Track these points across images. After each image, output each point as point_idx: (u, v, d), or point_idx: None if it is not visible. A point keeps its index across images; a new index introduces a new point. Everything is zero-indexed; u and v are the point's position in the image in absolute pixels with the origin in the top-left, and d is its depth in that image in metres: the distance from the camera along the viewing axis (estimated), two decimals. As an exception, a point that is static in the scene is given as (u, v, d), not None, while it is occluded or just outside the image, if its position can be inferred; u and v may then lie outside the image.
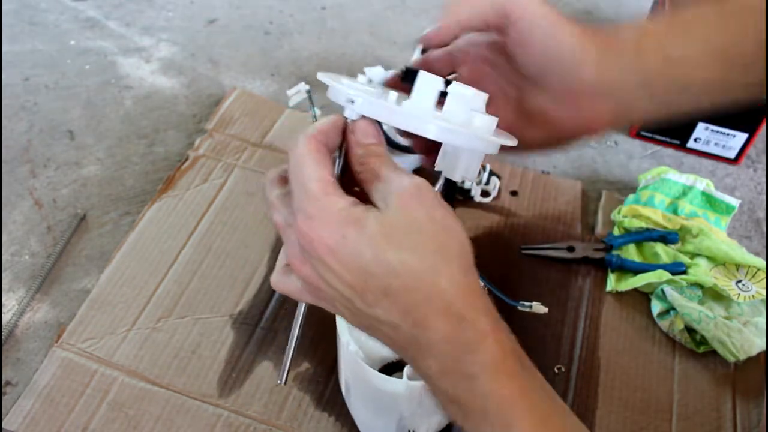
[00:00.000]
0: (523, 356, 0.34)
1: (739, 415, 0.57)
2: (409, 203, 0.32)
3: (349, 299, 0.33)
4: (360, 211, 0.32)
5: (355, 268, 0.32)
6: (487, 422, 0.32)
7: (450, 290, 0.32)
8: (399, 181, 0.33)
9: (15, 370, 0.58)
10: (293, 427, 0.55)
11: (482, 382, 0.32)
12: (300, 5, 1.02)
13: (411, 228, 0.32)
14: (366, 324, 0.34)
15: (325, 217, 0.32)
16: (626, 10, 1.04)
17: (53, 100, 0.83)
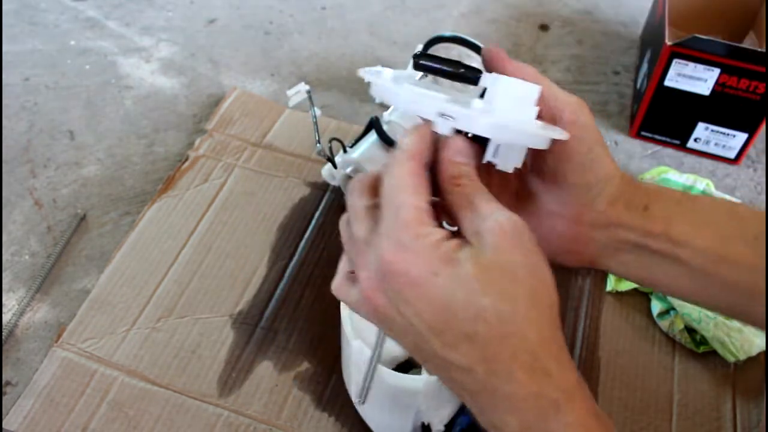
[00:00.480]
0: (603, 416, 0.33)
1: (739, 415, 0.57)
2: (506, 244, 0.31)
3: (422, 336, 0.31)
4: (454, 247, 0.31)
5: (439, 307, 0.30)
6: None
7: (538, 343, 0.31)
8: (495, 216, 0.31)
9: (15, 370, 0.58)
10: (293, 427, 0.55)
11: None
12: (300, 5, 1.02)
13: (506, 273, 0.30)
14: (434, 363, 0.32)
15: (417, 249, 0.30)
16: (626, 11, 1.04)
17: (53, 100, 0.83)
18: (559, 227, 0.40)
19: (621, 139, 0.84)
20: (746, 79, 0.73)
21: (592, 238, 0.40)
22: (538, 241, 0.35)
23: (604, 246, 0.40)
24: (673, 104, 0.78)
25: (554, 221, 0.40)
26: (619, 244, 0.40)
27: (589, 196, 0.39)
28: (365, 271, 0.32)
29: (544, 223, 0.40)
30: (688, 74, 0.75)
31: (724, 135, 0.79)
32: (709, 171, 0.81)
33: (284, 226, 0.69)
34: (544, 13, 1.04)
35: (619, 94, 0.90)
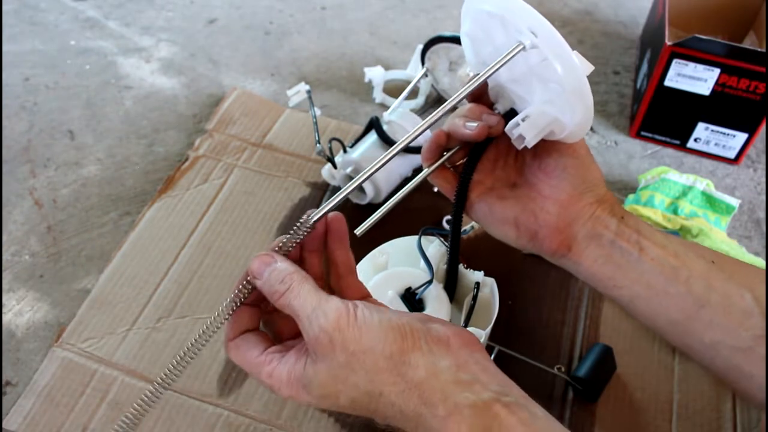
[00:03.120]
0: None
1: (739, 415, 0.57)
2: (325, 350, 0.36)
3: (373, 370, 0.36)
4: (298, 371, 0.37)
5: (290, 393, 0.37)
6: None
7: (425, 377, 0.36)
8: (313, 324, 0.37)
9: (15, 370, 0.58)
10: (293, 427, 0.55)
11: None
12: (300, 5, 1.02)
13: (345, 365, 0.36)
14: (369, 398, 0.37)
15: (280, 389, 0.37)
16: (626, 11, 1.04)
17: (53, 100, 0.83)
18: (550, 207, 0.46)
19: (621, 139, 0.84)
20: (746, 79, 0.73)
21: (575, 224, 0.46)
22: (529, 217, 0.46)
23: (583, 235, 0.46)
24: (673, 104, 0.78)
25: (547, 203, 0.46)
26: (595, 237, 0.46)
27: (581, 189, 0.46)
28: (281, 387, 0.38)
29: (538, 203, 0.46)
30: (688, 74, 0.75)
31: (724, 135, 0.79)
32: (709, 171, 0.81)
33: (284, 226, 0.69)
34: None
35: (619, 94, 0.90)
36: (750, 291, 0.43)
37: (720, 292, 0.44)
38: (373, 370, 0.36)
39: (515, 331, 0.62)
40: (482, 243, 0.69)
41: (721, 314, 0.43)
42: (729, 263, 0.46)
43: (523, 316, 0.63)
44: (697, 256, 0.45)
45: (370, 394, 0.36)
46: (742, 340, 0.43)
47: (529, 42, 0.40)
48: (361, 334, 0.36)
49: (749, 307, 0.43)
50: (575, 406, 0.57)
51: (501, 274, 0.61)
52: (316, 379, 0.37)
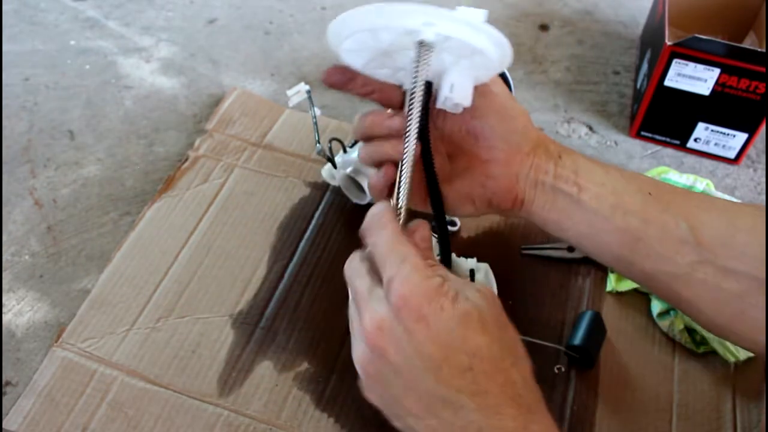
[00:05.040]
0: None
1: (739, 415, 0.57)
2: (490, 300, 0.36)
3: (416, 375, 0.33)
4: (452, 289, 0.34)
5: (442, 341, 0.33)
6: None
7: (520, 383, 0.34)
8: (472, 285, 0.37)
9: (15, 370, 0.58)
10: (293, 427, 0.55)
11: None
12: (300, 5, 1.02)
13: (497, 322, 0.35)
14: (420, 405, 0.34)
15: (426, 287, 0.33)
16: (626, 11, 1.04)
17: (53, 100, 0.83)
18: (494, 170, 0.47)
19: (621, 139, 0.84)
20: (746, 79, 0.73)
21: (519, 178, 0.47)
22: (479, 188, 0.48)
23: (528, 186, 0.47)
24: (673, 104, 0.78)
25: (489, 167, 0.47)
26: (538, 184, 0.47)
27: (514, 141, 0.47)
28: (372, 315, 0.34)
29: (481, 171, 0.48)
30: (688, 74, 0.75)
31: (724, 135, 0.79)
32: (709, 171, 0.81)
33: (284, 226, 0.69)
34: (544, 13, 1.04)
35: (619, 94, 0.90)
36: (685, 220, 0.44)
37: (655, 224, 0.45)
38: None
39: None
40: (480, 243, 0.69)
41: (657, 245, 0.45)
42: (667, 193, 0.47)
43: (524, 316, 0.63)
44: (635, 190, 0.47)
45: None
46: (678, 267, 0.45)
47: (432, 35, 0.40)
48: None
49: (684, 235, 0.44)
50: (575, 405, 0.57)
51: (501, 274, 0.61)
52: (470, 303, 0.34)
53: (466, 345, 0.33)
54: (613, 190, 0.47)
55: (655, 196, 0.46)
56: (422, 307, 0.33)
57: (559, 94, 0.89)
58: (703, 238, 0.44)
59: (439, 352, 0.33)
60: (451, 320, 0.33)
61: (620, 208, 0.46)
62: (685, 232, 0.44)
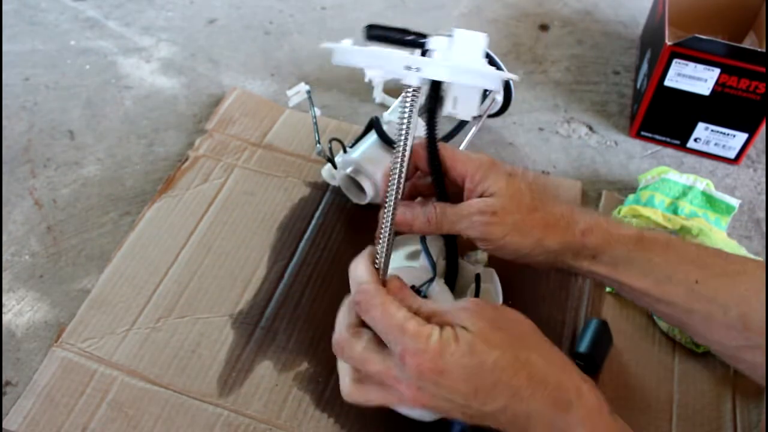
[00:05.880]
0: (610, 409, 0.40)
1: (739, 415, 0.57)
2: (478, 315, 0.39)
3: (465, 405, 0.39)
4: (449, 331, 0.39)
5: (465, 378, 0.38)
6: None
7: (541, 363, 0.39)
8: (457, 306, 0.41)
9: (15, 370, 0.58)
10: (293, 427, 0.55)
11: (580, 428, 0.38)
12: (300, 5, 1.02)
13: (489, 331, 0.39)
14: (478, 417, 0.40)
15: (432, 347, 0.38)
16: (626, 11, 1.04)
17: (53, 100, 0.83)
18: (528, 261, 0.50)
19: (621, 139, 0.84)
20: (746, 79, 0.73)
21: (557, 264, 0.50)
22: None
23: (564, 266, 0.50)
24: (673, 104, 0.78)
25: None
26: (574, 269, 0.50)
27: (527, 258, 0.49)
28: (401, 383, 0.40)
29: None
30: (688, 74, 0.75)
31: (724, 135, 0.79)
32: (709, 171, 0.81)
33: (284, 226, 0.69)
34: (544, 13, 1.04)
35: (619, 94, 0.90)
36: (735, 306, 0.44)
37: (700, 313, 0.45)
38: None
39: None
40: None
41: (703, 329, 0.46)
42: (715, 278, 0.45)
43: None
44: (681, 279, 0.46)
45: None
46: (725, 348, 0.46)
47: (416, 80, 0.42)
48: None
49: (732, 322, 0.44)
50: (575, 406, 0.57)
51: (501, 274, 0.61)
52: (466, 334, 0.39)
53: (486, 367, 0.38)
54: (656, 281, 0.46)
55: (702, 283, 0.45)
56: (437, 365, 0.38)
57: (559, 94, 0.89)
58: (751, 324, 0.43)
59: (468, 386, 0.38)
60: (464, 358, 0.38)
61: (663, 301, 0.46)
62: (734, 319, 0.44)
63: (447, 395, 0.38)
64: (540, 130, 0.84)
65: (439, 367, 0.38)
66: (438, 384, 0.38)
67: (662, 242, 0.47)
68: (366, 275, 0.43)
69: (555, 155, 0.81)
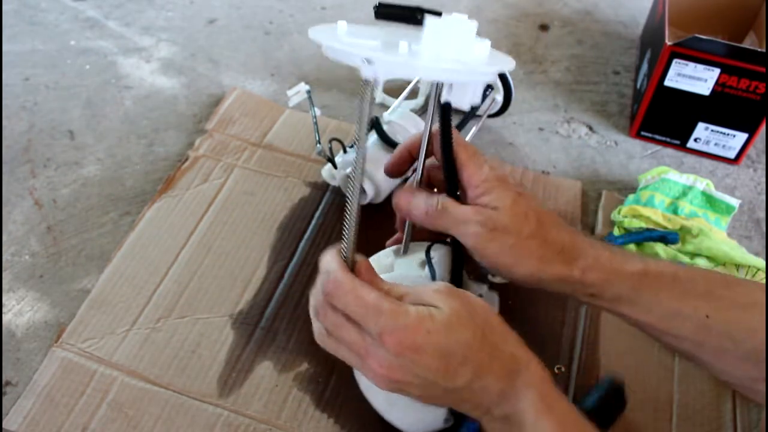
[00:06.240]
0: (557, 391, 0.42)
1: (739, 415, 0.57)
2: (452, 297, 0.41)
3: (432, 382, 0.40)
4: (424, 309, 0.40)
5: (440, 353, 0.39)
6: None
7: (501, 342, 0.42)
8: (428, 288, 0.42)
9: (15, 370, 0.58)
10: (293, 427, 0.55)
11: (529, 395, 0.41)
12: (300, 5, 1.02)
13: (463, 311, 0.40)
14: (436, 396, 0.41)
15: (408, 324, 0.39)
16: (626, 11, 1.04)
17: (53, 100, 0.83)
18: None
19: (621, 139, 0.84)
20: (746, 79, 0.73)
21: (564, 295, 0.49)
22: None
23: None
24: (673, 104, 0.78)
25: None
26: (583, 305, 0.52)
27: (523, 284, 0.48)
28: (375, 360, 0.40)
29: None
30: (688, 74, 0.75)
31: (724, 135, 0.79)
32: (709, 171, 0.81)
33: (284, 226, 0.69)
34: (544, 13, 1.04)
35: (619, 94, 0.90)
36: (748, 339, 0.43)
37: (711, 347, 0.45)
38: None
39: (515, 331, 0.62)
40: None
41: (714, 361, 0.45)
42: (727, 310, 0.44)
43: (523, 315, 0.63)
44: (689, 313, 0.45)
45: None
46: (737, 379, 0.45)
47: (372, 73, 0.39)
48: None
49: (745, 355, 0.43)
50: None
51: (501, 274, 0.61)
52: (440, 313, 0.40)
53: (458, 344, 0.39)
54: (661, 317, 0.45)
55: (713, 318, 0.44)
56: (416, 341, 0.39)
57: (559, 94, 0.89)
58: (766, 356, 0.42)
59: (442, 362, 0.39)
60: (438, 335, 0.39)
61: (670, 334, 0.46)
62: (747, 352, 0.43)
63: (419, 372, 0.39)
64: (540, 130, 0.84)
65: (417, 344, 0.39)
66: (414, 361, 0.39)
67: (669, 276, 0.46)
68: (333, 264, 0.42)
69: (555, 155, 0.81)
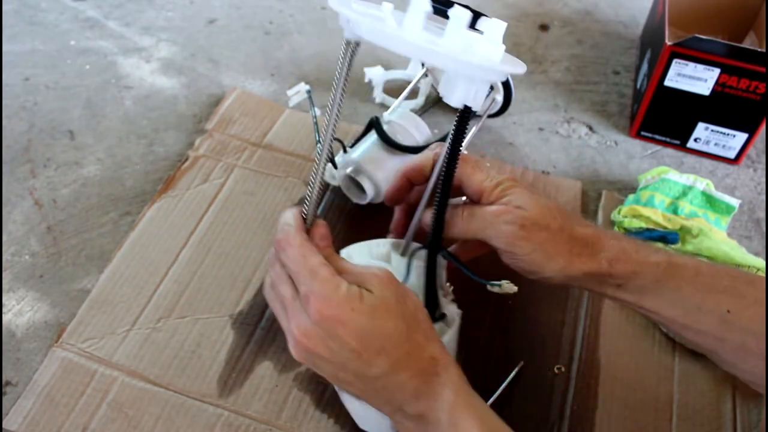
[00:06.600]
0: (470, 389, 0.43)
1: (739, 415, 0.57)
2: (387, 285, 0.41)
3: (345, 362, 0.40)
4: (356, 289, 0.40)
5: (360, 334, 0.39)
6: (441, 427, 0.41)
7: (423, 341, 0.42)
8: (369, 270, 0.42)
9: (15, 370, 0.58)
10: (293, 427, 0.55)
11: (446, 394, 0.41)
12: (300, 5, 1.02)
13: (397, 301, 0.41)
14: (348, 381, 0.42)
15: (338, 297, 0.40)
16: (626, 11, 1.04)
17: (53, 100, 0.83)
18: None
19: (621, 139, 0.84)
20: (746, 79, 0.73)
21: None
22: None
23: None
24: (673, 104, 0.78)
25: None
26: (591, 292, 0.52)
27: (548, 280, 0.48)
28: (295, 321, 0.41)
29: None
30: (688, 74, 0.75)
31: (724, 135, 0.79)
32: (709, 171, 0.81)
33: (284, 226, 0.69)
34: (544, 13, 1.04)
35: (619, 94, 0.90)
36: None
37: (732, 343, 0.44)
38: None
39: (515, 331, 0.62)
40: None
41: (734, 358, 0.45)
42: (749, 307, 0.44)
43: (523, 315, 0.63)
44: (711, 308, 0.44)
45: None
46: (758, 377, 0.45)
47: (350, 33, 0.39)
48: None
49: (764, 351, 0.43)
50: (575, 405, 0.57)
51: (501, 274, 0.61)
52: (372, 297, 0.40)
53: (379, 331, 0.40)
54: (684, 310, 0.45)
55: (735, 312, 0.44)
56: (338, 314, 0.39)
57: (559, 94, 0.89)
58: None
59: (359, 344, 0.39)
60: (363, 317, 0.39)
61: (692, 329, 0.46)
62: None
63: (335, 347, 0.40)
64: (540, 130, 0.84)
65: (339, 317, 0.39)
66: (331, 333, 0.39)
67: (692, 269, 0.46)
68: (291, 219, 0.44)
69: (555, 155, 0.81)
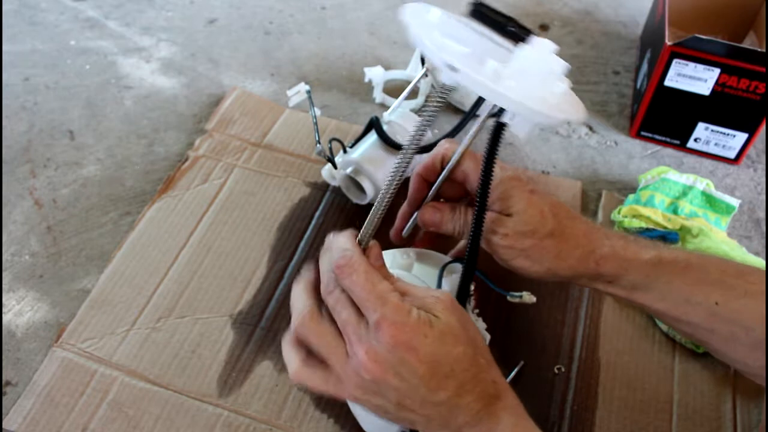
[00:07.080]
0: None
1: (739, 415, 0.57)
2: (452, 311, 0.41)
3: (413, 388, 0.40)
4: (425, 314, 0.40)
5: (429, 360, 0.39)
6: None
7: (486, 365, 0.42)
8: (431, 293, 0.42)
9: (15, 370, 0.58)
10: (293, 427, 0.55)
11: (506, 419, 0.41)
12: (300, 5, 1.02)
13: (462, 327, 0.41)
14: (412, 408, 0.40)
15: (410, 323, 0.39)
16: (626, 11, 1.04)
17: (53, 100, 0.83)
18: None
19: (621, 139, 0.84)
20: (746, 79, 0.73)
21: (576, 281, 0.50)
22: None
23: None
24: (673, 104, 0.78)
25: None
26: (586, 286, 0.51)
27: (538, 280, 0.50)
28: (364, 346, 0.40)
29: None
30: (688, 74, 0.75)
31: (724, 135, 0.79)
32: (709, 171, 0.81)
33: (284, 226, 0.69)
34: (544, 13, 1.04)
35: (619, 94, 0.90)
36: (760, 326, 0.43)
37: (722, 334, 0.45)
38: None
39: (515, 331, 0.62)
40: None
41: (725, 348, 0.46)
42: (738, 298, 0.45)
43: (523, 316, 0.63)
44: (701, 300, 0.45)
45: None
46: (749, 368, 0.46)
47: (449, 79, 0.39)
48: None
49: (756, 342, 0.44)
50: (575, 405, 0.57)
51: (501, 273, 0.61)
52: (439, 323, 0.40)
53: (448, 357, 0.39)
54: (674, 303, 0.46)
55: (723, 304, 0.44)
56: (410, 341, 0.39)
57: (559, 94, 0.89)
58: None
59: (428, 370, 0.39)
60: (433, 344, 0.39)
61: (682, 321, 0.47)
62: (757, 340, 0.43)
63: (404, 373, 0.39)
64: (540, 130, 0.84)
65: (412, 344, 0.39)
66: (403, 360, 0.39)
67: (682, 263, 0.47)
68: (349, 244, 0.43)
69: (555, 155, 0.81)
